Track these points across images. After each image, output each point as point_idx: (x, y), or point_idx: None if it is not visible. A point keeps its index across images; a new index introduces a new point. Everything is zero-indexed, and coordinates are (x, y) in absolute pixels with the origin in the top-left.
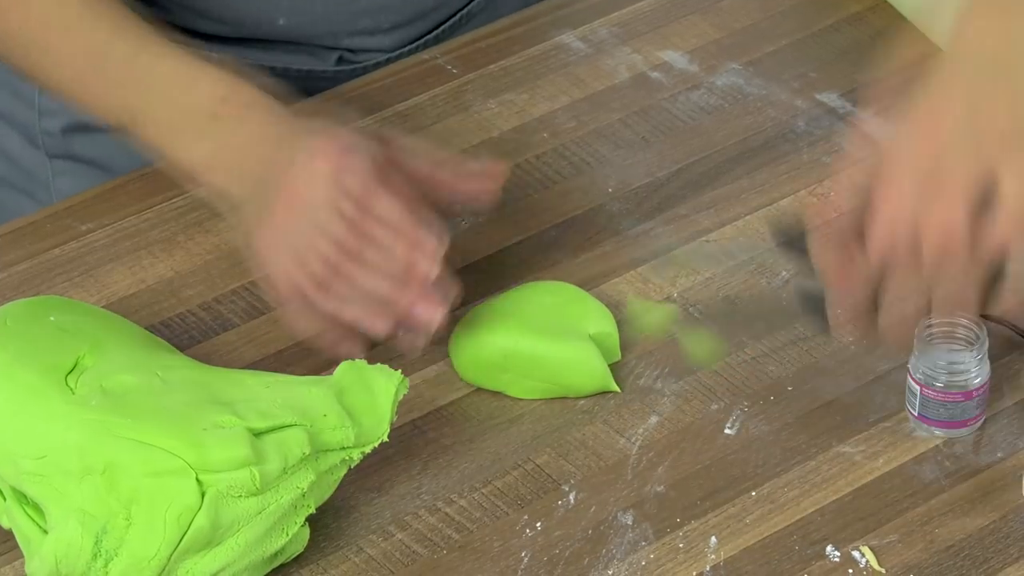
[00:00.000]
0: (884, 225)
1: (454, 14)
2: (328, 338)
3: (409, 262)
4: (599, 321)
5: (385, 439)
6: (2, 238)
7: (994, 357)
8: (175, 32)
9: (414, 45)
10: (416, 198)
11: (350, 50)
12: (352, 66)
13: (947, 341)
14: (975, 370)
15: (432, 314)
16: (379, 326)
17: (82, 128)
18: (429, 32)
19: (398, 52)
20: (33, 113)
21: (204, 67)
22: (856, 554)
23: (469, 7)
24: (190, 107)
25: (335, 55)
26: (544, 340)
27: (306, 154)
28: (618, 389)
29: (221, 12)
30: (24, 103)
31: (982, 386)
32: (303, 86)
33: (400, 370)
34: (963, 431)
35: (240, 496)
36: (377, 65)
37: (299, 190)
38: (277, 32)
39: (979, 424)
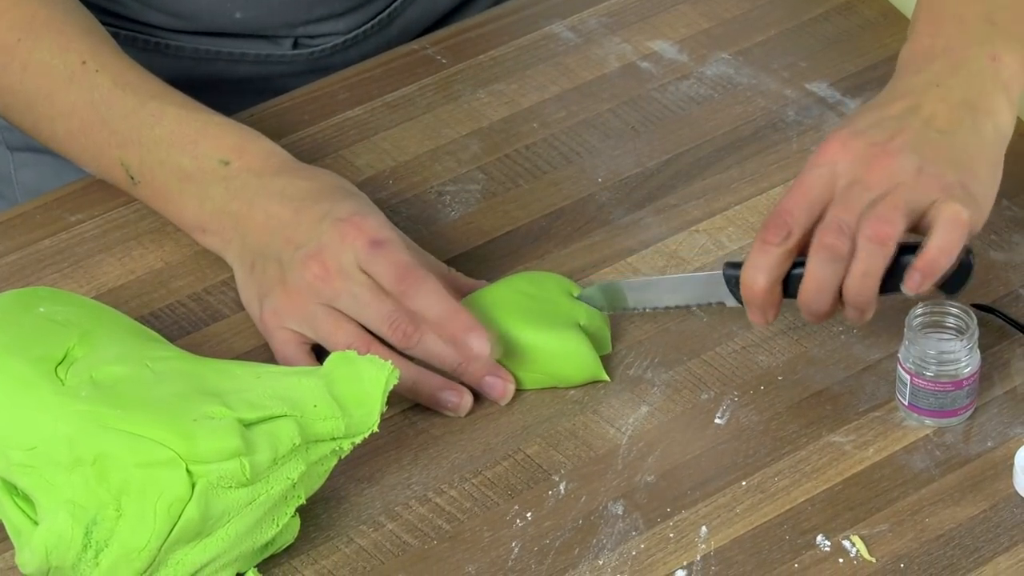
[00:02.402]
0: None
1: None
2: None
3: (461, 343)
4: (589, 312)
5: (375, 430)
6: None
7: (984, 346)
8: (131, 24)
9: (368, 25)
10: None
11: (306, 36)
12: (309, 50)
13: (937, 330)
14: (965, 359)
15: (504, 388)
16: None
17: None
18: (382, 11)
19: (353, 34)
20: None
21: (210, 119)
22: (847, 543)
23: None
24: (196, 159)
25: (290, 40)
26: (534, 330)
27: (334, 243)
28: (608, 379)
29: (177, 7)
30: None
31: (972, 375)
32: (261, 70)
33: (390, 361)
34: (953, 420)
35: (230, 487)
36: (333, 48)
37: (327, 278)
38: (233, 24)
39: (969, 413)
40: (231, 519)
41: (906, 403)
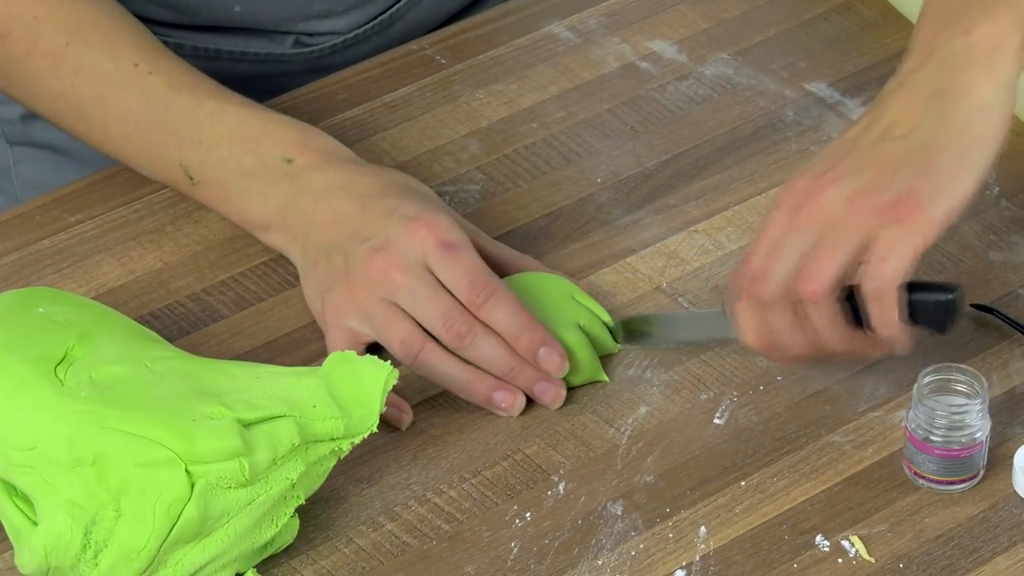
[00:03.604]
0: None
1: None
2: None
3: (536, 358)
4: (589, 312)
5: (374, 430)
6: None
7: (984, 346)
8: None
9: (369, 26)
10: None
11: (306, 33)
12: (310, 48)
13: (946, 394)
14: (977, 423)
15: (556, 393)
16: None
17: None
18: (383, 12)
19: (354, 34)
20: None
21: (271, 117)
22: (846, 544)
23: None
24: (259, 157)
25: (291, 38)
26: None
27: (402, 239)
28: (607, 379)
29: (177, 0)
30: None
31: (983, 440)
32: (261, 68)
33: (389, 361)
34: (963, 486)
35: (229, 487)
36: (333, 47)
37: (389, 272)
38: (233, 19)
39: (979, 478)
40: (230, 519)
41: (914, 469)
